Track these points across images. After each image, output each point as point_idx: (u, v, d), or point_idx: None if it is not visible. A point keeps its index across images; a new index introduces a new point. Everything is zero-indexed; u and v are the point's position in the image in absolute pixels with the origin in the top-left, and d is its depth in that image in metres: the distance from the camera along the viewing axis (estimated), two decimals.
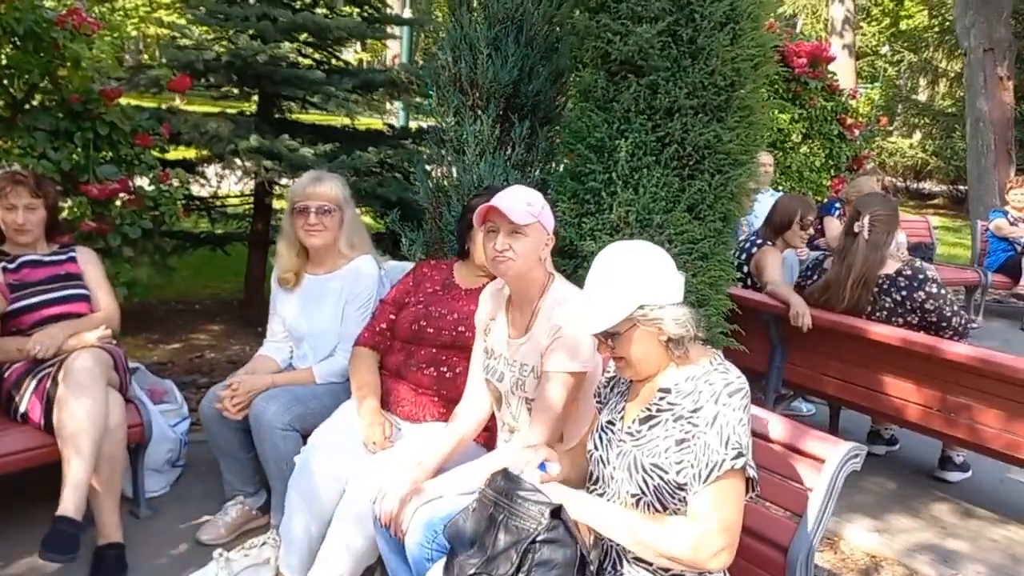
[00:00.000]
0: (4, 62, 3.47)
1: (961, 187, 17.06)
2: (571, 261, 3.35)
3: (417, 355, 2.72)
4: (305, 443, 2.71)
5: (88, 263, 3.22)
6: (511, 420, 2.41)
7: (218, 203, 5.84)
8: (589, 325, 1.85)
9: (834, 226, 6.06)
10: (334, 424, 2.70)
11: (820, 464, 2.06)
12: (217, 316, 5.93)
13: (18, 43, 3.45)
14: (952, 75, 18.07)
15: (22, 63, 3.48)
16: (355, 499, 2.41)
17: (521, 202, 2.22)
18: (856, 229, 3.67)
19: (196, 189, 5.72)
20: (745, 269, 4.35)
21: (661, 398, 1.87)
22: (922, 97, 20.78)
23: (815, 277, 3.96)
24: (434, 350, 2.71)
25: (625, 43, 3.15)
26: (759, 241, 4.38)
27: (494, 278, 2.57)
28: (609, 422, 2.00)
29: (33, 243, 3.12)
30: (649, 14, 3.12)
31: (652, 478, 1.82)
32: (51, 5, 3.98)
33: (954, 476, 3.93)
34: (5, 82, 3.63)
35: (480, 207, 2.24)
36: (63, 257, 3.17)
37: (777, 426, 2.21)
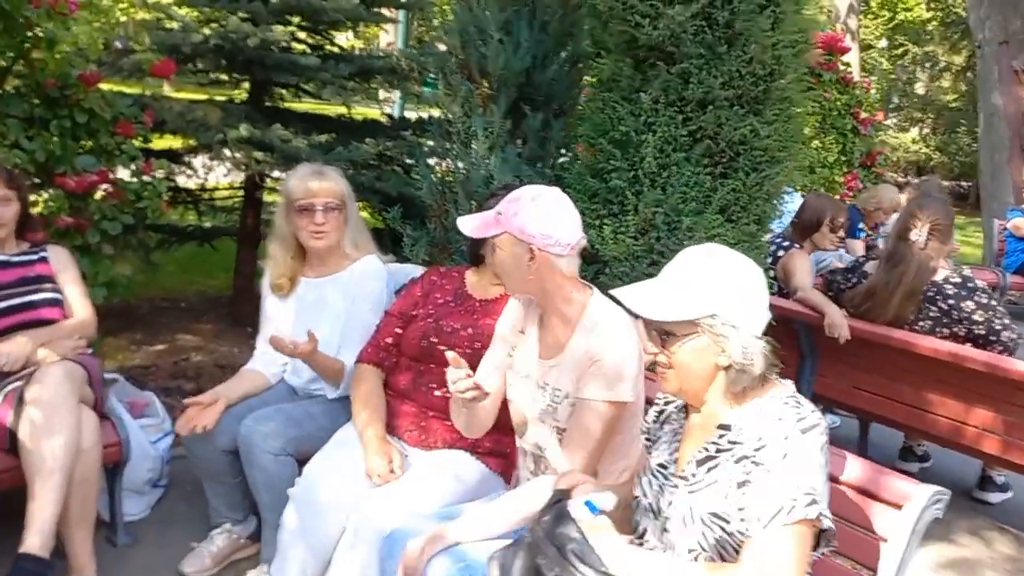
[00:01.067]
0: None
1: (964, 183, 16.86)
2: (591, 266, 3.08)
3: (427, 374, 2.43)
4: (300, 470, 2.42)
5: (61, 264, 2.92)
6: (536, 449, 2.13)
7: (206, 196, 5.52)
8: (647, 307, 1.57)
9: (858, 248, 5.72)
10: (333, 450, 2.41)
11: (897, 510, 1.79)
12: (204, 314, 5.61)
13: None
14: (955, 69, 17.85)
15: None
16: (357, 538, 2.13)
17: (483, 216, 2.06)
18: (913, 236, 3.37)
19: (183, 180, 5.41)
20: (771, 273, 4.07)
21: (721, 436, 1.60)
22: (920, 91, 20.57)
23: (855, 281, 3.67)
24: (446, 369, 2.41)
25: (655, 27, 2.87)
26: (785, 243, 4.10)
27: None
28: (660, 465, 1.72)
29: (2, 241, 2.82)
30: None
31: (712, 530, 1.54)
32: None
33: (995, 497, 3.68)
34: None
35: None
36: (33, 257, 2.87)
37: (844, 463, 1.93)
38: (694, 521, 1.57)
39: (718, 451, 1.59)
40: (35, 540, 2.25)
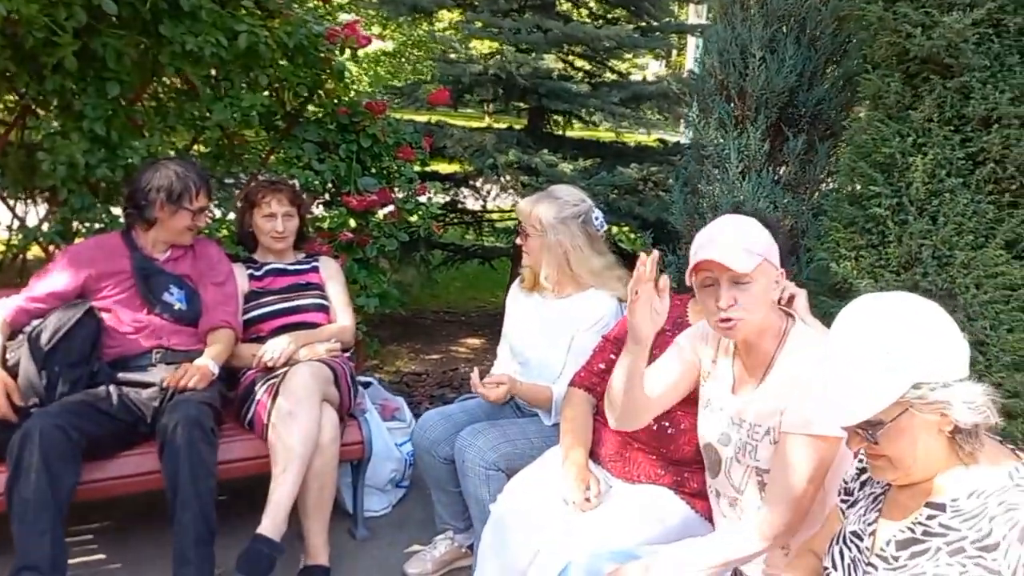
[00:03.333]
0: (277, 74, 3.60)
1: None
2: (843, 302, 2.77)
3: None
4: None
5: (329, 274, 3.23)
6: (731, 491, 1.96)
7: (486, 216, 5.85)
8: (843, 414, 1.33)
9: None
10: (537, 471, 2.40)
11: None
12: (479, 329, 5.94)
13: (290, 56, 3.58)
14: None
15: (291, 76, 3.60)
16: (546, 562, 2.09)
17: (739, 244, 1.81)
18: None
19: (471, 203, 5.78)
20: None
21: (930, 516, 1.34)
22: None
23: None
24: None
25: (928, 36, 2.53)
26: None
27: None
28: (854, 534, 1.48)
29: (283, 251, 3.18)
30: (963, 0, 2.48)
31: None
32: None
33: None
34: (278, 95, 3.79)
35: (692, 265, 1.86)
36: (306, 267, 3.21)
37: None
38: None
39: (925, 534, 1.33)
40: (268, 522, 2.48)
